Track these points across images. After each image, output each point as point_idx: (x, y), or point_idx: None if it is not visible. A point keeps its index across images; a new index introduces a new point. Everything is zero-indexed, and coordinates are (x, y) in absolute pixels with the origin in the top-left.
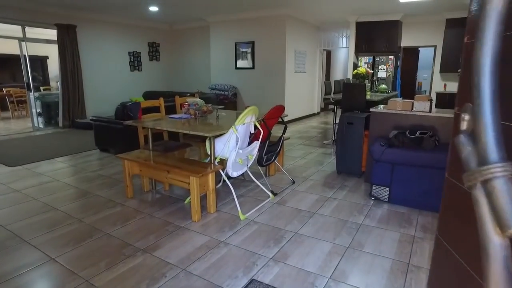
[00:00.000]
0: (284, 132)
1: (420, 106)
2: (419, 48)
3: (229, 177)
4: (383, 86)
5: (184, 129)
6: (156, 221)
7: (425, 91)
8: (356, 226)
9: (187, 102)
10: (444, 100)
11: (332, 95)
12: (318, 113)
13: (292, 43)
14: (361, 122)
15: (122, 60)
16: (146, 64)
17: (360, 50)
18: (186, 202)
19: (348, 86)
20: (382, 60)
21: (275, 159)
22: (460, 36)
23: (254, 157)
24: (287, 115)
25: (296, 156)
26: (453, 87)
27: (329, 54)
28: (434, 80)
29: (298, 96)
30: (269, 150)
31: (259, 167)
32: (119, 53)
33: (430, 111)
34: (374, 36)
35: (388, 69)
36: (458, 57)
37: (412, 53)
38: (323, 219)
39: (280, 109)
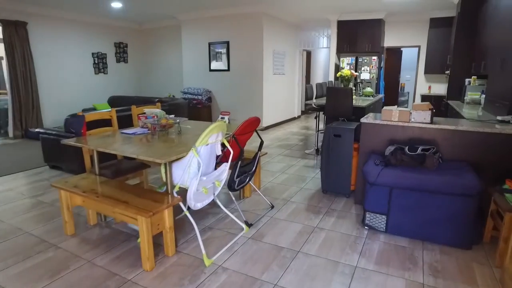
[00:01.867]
0: (260, 149)
1: (419, 117)
2: (402, 49)
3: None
4: (369, 89)
5: (133, 150)
6: (96, 272)
7: (408, 93)
8: (350, 270)
9: (144, 113)
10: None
11: (314, 100)
12: (299, 116)
13: (270, 43)
14: (350, 135)
15: (85, 62)
16: (113, 67)
17: (342, 50)
18: (139, 241)
19: (332, 90)
20: (365, 61)
21: (249, 180)
22: (445, 36)
23: (223, 183)
24: (263, 127)
25: (276, 170)
26: (438, 89)
27: (309, 54)
28: (418, 81)
29: (277, 99)
30: (243, 171)
31: (230, 192)
32: (81, 54)
33: (431, 122)
34: (356, 36)
35: (372, 71)
36: (443, 58)
37: (395, 54)
38: (309, 260)
39: (255, 122)
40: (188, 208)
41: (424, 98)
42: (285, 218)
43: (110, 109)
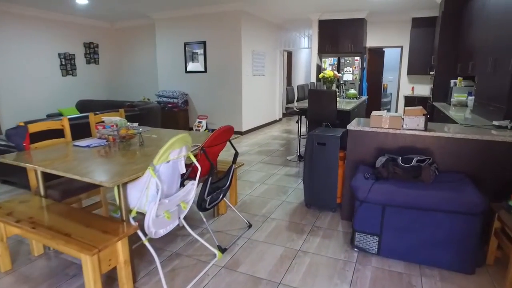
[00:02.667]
0: (234, 161)
1: (412, 123)
2: (384, 49)
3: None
4: (352, 91)
5: (79, 169)
6: None
7: (391, 94)
8: None
9: (103, 122)
10: (412, 104)
11: (295, 103)
12: (280, 119)
13: (249, 43)
14: (335, 143)
15: (51, 63)
16: (83, 68)
17: (323, 50)
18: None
19: (315, 93)
20: (348, 61)
21: (223, 197)
22: (427, 36)
23: (190, 204)
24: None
25: (255, 180)
26: (421, 90)
27: (290, 55)
28: (401, 82)
29: (257, 102)
30: (215, 187)
31: (200, 212)
32: (47, 55)
33: (425, 129)
34: (338, 36)
35: (355, 71)
36: (426, 58)
37: (377, 54)
38: None
39: (228, 131)
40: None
41: (408, 99)
42: (264, 239)
43: (61, 118)
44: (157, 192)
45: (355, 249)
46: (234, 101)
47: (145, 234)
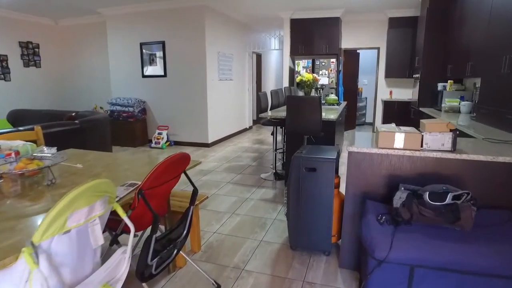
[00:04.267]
0: (192, 202)
1: (436, 142)
2: (359, 51)
3: None
4: (333, 96)
5: None
6: None
7: (366, 98)
8: None
9: None
10: (392, 109)
11: (269, 112)
12: (250, 127)
13: (215, 44)
14: (330, 167)
15: None
16: (19, 72)
17: (296, 52)
18: None
19: (295, 100)
20: (324, 63)
21: (178, 253)
22: (405, 37)
23: (120, 285)
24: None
25: (223, 209)
26: (399, 94)
27: (259, 58)
28: (379, 86)
29: (224, 109)
30: (165, 243)
31: (143, 284)
32: None
33: (453, 150)
34: (312, 36)
35: (331, 75)
36: (405, 60)
37: (352, 56)
38: None
39: (180, 161)
40: None
41: (387, 104)
42: None
43: None
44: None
45: None
46: (199, 109)
47: None
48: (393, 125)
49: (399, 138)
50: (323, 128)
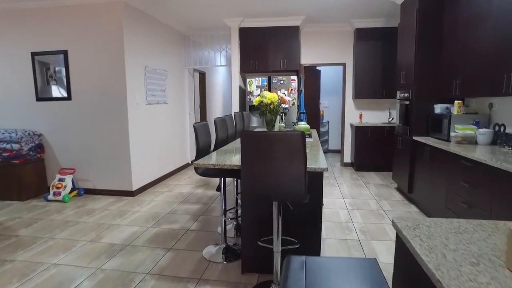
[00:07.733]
0: None
1: None
2: (320, 68)
3: None
4: (303, 124)
5: None
6: None
7: (328, 122)
8: None
9: None
10: (365, 135)
11: (212, 155)
12: (193, 162)
13: (139, 55)
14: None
15: None
16: None
17: (247, 68)
18: None
19: (260, 139)
20: (282, 82)
21: None
22: (376, 51)
23: None
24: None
25: None
26: (372, 117)
27: (203, 76)
28: (346, 109)
29: (156, 142)
30: None
31: None
32: None
33: None
34: (267, 48)
35: (292, 95)
36: (376, 78)
37: (313, 74)
38: None
39: None
40: None
41: (358, 129)
42: None
43: None
44: None
45: None
46: (118, 143)
47: None
48: None
49: None
50: (309, 185)
